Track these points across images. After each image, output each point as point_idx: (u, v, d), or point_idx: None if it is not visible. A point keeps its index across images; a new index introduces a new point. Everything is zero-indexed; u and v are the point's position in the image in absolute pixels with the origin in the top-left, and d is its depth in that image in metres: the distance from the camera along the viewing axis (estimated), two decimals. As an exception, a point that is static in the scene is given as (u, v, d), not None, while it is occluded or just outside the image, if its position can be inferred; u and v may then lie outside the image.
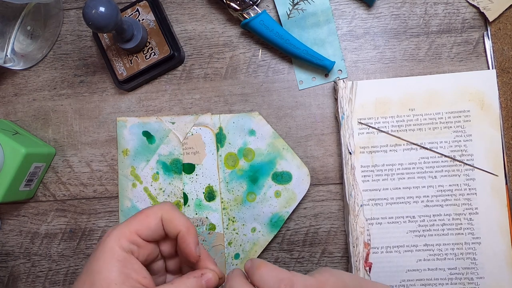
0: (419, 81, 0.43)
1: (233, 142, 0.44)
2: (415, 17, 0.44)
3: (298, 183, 0.43)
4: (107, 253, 0.29)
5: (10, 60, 0.45)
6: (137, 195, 0.45)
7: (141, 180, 0.45)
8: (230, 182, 0.44)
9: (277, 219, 0.43)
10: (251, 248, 0.43)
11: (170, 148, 0.45)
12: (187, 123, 0.45)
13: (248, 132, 0.44)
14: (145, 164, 0.45)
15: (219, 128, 0.45)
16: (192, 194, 0.45)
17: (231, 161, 0.44)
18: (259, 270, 0.29)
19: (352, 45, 0.45)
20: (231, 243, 0.44)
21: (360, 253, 0.42)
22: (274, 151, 0.44)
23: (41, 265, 0.47)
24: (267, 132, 0.44)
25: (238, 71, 0.46)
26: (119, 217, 0.45)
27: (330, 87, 0.45)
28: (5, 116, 0.47)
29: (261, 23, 0.43)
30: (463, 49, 0.44)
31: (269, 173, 0.44)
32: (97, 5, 0.35)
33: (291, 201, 0.43)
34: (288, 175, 0.43)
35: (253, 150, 0.44)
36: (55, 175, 0.47)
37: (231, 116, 0.45)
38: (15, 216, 0.47)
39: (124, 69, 0.44)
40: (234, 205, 0.44)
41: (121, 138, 0.45)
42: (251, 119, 0.44)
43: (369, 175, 0.43)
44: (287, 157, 0.44)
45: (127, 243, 0.30)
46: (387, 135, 0.43)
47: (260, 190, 0.44)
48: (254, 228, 0.44)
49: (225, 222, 0.44)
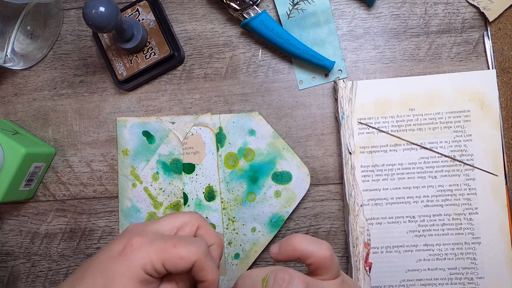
0: (419, 81, 0.43)
1: (233, 142, 0.44)
2: (415, 17, 0.44)
3: (298, 183, 0.43)
4: (130, 271, 0.28)
5: (10, 60, 0.45)
6: (137, 195, 0.45)
7: (141, 180, 0.45)
8: (230, 182, 0.44)
9: (277, 219, 0.43)
10: (251, 248, 0.43)
11: (170, 148, 0.45)
12: (187, 123, 0.45)
13: (248, 132, 0.44)
14: (145, 164, 0.45)
15: (219, 128, 0.45)
16: (192, 194, 0.45)
17: (231, 161, 0.44)
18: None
19: (352, 45, 0.45)
20: (231, 243, 0.44)
21: (360, 253, 0.42)
22: (274, 151, 0.44)
23: (41, 265, 0.47)
24: (267, 132, 0.44)
25: (238, 71, 0.46)
26: (119, 217, 0.45)
27: (330, 87, 0.45)
28: (5, 116, 0.47)
29: (261, 23, 0.43)
30: (463, 49, 0.44)
31: (269, 173, 0.44)
32: (97, 5, 0.35)
33: (291, 201, 0.43)
34: (288, 175, 0.43)
35: (253, 150, 0.44)
36: (55, 175, 0.47)
37: (231, 116, 0.45)
38: (15, 216, 0.47)
39: (124, 69, 0.44)
40: (234, 205, 0.44)
41: (121, 138, 0.45)
42: (251, 119, 0.44)
43: (369, 175, 0.43)
44: (287, 157, 0.44)
45: (151, 268, 0.28)
46: (387, 135, 0.43)
47: (260, 190, 0.44)
48: (254, 228, 0.44)
49: (225, 222, 0.44)
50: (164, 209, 0.45)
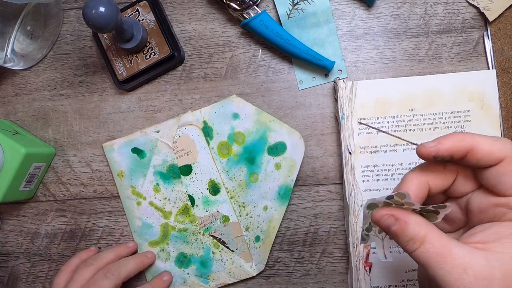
0: (419, 81, 0.43)
1: (221, 131, 0.44)
2: (415, 17, 0.44)
3: (294, 149, 0.43)
4: None
5: (10, 60, 0.45)
6: (144, 212, 0.45)
7: (144, 196, 0.45)
8: (230, 170, 0.44)
9: (285, 189, 0.43)
10: (269, 226, 0.43)
11: (162, 156, 0.45)
12: (171, 127, 0.45)
13: (232, 116, 0.44)
14: (143, 179, 0.45)
15: (203, 122, 0.45)
16: (196, 193, 0.45)
17: (225, 149, 0.44)
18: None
19: (352, 45, 0.45)
20: (248, 228, 0.44)
21: (360, 253, 0.42)
22: (262, 127, 0.44)
23: (41, 265, 0.47)
24: (250, 111, 0.44)
25: (238, 71, 0.46)
26: (133, 237, 0.45)
27: (330, 87, 0.45)
28: (5, 116, 0.47)
29: (261, 23, 0.43)
30: (463, 49, 0.44)
31: (264, 149, 0.44)
32: (97, 5, 0.35)
33: (292, 168, 0.43)
34: (282, 144, 0.43)
35: (242, 132, 0.44)
36: (55, 175, 0.47)
37: (211, 107, 0.45)
38: (15, 216, 0.47)
39: (124, 69, 0.44)
40: (239, 191, 0.44)
41: (112, 162, 0.45)
42: (230, 103, 0.44)
43: (369, 175, 0.43)
44: (275, 128, 0.43)
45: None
46: (387, 135, 0.43)
47: (260, 168, 0.44)
48: (265, 206, 0.43)
49: (236, 210, 0.44)
50: (174, 216, 0.45)
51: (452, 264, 0.23)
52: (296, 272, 0.44)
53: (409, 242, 0.24)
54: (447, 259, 0.23)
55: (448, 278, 0.23)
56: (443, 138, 0.26)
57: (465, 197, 0.28)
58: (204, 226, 0.44)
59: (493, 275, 0.22)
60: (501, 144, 0.25)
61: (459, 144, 0.25)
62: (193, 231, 0.45)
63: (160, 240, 0.45)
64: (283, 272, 0.44)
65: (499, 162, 0.25)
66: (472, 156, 0.25)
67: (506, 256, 0.23)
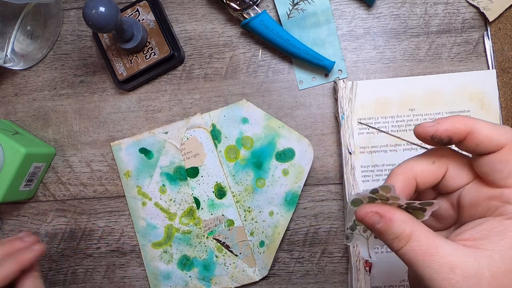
0: (419, 81, 0.43)
1: (229, 134, 0.44)
2: (415, 17, 0.44)
3: (302, 156, 0.43)
4: None
5: (10, 60, 0.45)
6: (149, 212, 0.45)
7: (149, 197, 0.45)
8: (236, 174, 0.44)
9: (291, 196, 0.43)
10: (274, 231, 0.43)
11: (170, 157, 0.45)
12: (179, 129, 0.45)
13: (241, 121, 0.44)
14: (149, 180, 0.45)
15: (212, 125, 0.45)
16: (202, 196, 0.45)
17: (232, 153, 0.44)
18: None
19: (352, 45, 0.45)
20: (253, 233, 0.44)
21: (360, 253, 0.42)
22: (271, 132, 0.44)
23: (41, 265, 0.46)
24: (259, 116, 0.44)
25: (238, 71, 0.46)
26: (137, 238, 0.45)
27: (330, 87, 0.45)
28: (5, 116, 0.47)
29: (261, 23, 0.43)
30: (463, 49, 0.44)
31: (272, 154, 0.44)
32: (97, 5, 0.35)
33: (300, 175, 0.43)
34: (290, 151, 0.43)
35: (250, 137, 0.44)
36: (55, 175, 0.47)
37: (221, 111, 0.45)
38: (15, 216, 0.47)
39: (124, 69, 0.44)
40: (246, 195, 0.44)
41: (119, 161, 0.45)
42: (240, 107, 0.44)
43: (369, 175, 0.43)
44: (284, 134, 0.43)
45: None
46: (387, 135, 0.43)
47: (267, 173, 0.44)
48: (271, 212, 0.43)
49: (241, 215, 0.44)
50: (179, 218, 0.45)
51: (439, 262, 0.22)
52: (296, 272, 0.44)
53: (394, 240, 0.24)
54: (434, 258, 0.22)
55: (435, 277, 0.22)
56: (442, 119, 0.25)
57: (456, 193, 0.27)
58: (208, 229, 0.44)
59: (481, 274, 0.22)
60: (502, 130, 0.24)
61: (459, 126, 0.24)
62: (197, 233, 0.44)
63: (163, 241, 0.45)
64: (283, 272, 0.44)
65: (499, 150, 0.24)
66: (471, 140, 0.24)
67: (495, 254, 0.22)
